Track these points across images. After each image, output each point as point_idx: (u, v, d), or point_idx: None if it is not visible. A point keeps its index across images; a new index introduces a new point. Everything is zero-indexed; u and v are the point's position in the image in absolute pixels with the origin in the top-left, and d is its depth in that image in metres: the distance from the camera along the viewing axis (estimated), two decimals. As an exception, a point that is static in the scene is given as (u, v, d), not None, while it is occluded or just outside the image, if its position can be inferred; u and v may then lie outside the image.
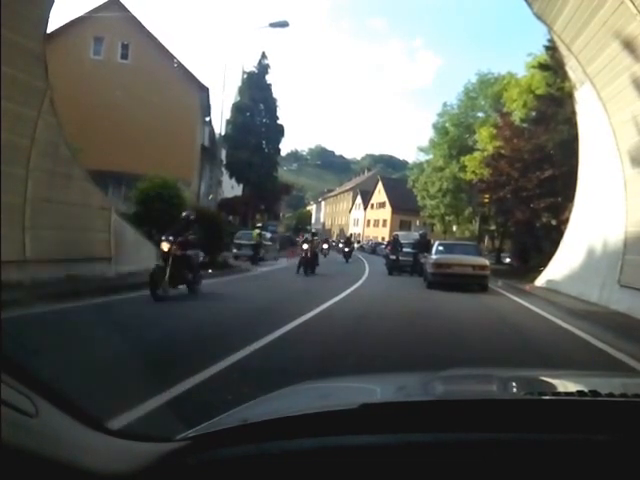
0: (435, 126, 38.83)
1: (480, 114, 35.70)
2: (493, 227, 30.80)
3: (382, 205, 68.11)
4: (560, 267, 15.13)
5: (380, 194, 69.43)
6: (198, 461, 0.90)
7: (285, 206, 70.03)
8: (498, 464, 0.88)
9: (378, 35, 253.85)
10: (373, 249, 46.22)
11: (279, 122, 39.46)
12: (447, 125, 37.22)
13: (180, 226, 10.23)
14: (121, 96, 21.27)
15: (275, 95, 39.24)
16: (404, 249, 20.94)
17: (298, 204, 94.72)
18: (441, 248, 16.05)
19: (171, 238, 9.69)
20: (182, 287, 10.02)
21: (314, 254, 18.18)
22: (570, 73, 14.63)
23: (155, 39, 26.16)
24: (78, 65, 22.80)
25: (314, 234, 23.89)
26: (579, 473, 0.87)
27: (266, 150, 38.79)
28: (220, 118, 25.88)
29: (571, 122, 16.89)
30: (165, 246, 9.67)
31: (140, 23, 25.96)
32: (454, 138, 36.55)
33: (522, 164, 21.91)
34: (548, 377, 1.67)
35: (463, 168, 31.91)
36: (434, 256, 15.28)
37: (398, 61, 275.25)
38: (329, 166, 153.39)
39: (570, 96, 16.04)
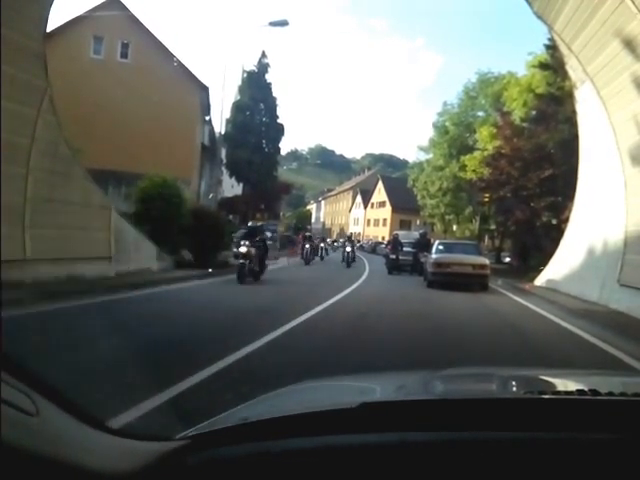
0: (435, 125, 38.81)
1: (480, 113, 35.68)
2: (493, 226, 30.79)
3: (382, 204, 68.10)
4: (560, 266, 15.13)
5: (380, 193, 69.43)
6: (198, 460, 0.90)
7: (285, 205, 69.90)
8: (498, 463, 0.88)
9: (379, 34, 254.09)
10: (373, 248, 46.24)
11: (279, 121, 39.40)
12: (447, 124, 37.18)
13: None
14: (121, 95, 21.25)
15: (275, 94, 39.24)
16: (404, 248, 20.94)
17: (298, 203, 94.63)
18: (441, 247, 16.05)
19: None
20: None
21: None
22: (570, 72, 14.63)
23: (155, 38, 26.11)
24: (78, 64, 22.76)
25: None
26: (579, 472, 0.87)
27: (266, 149, 38.74)
28: (220, 117, 25.85)
29: (571, 121, 16.90)
30: None
31: (140, 22, 25.90)
32: (454, 137, 36.53)
33: (522, 163, 21.91)
34: (548, 376, 1.68)
35: (463, 167, 31.89)
36: (434, 255, 15.28)
37: (399, 60, 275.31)
38: (329, 165, 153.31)
39: (570, 95, 16.04)
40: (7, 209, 8.02)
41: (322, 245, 29.43)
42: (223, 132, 28.64)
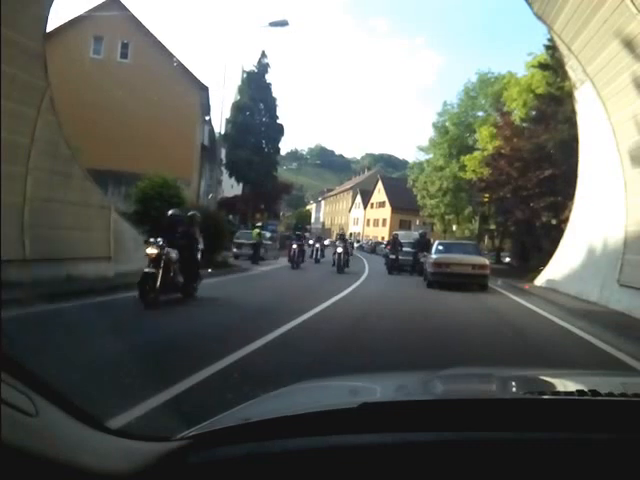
0: (435, 125, 38.85)
1: (480, 113, 35.71)
2: (493, 226, 30.79)
3: (382, 204, 68.10)
4: (560, 266, 15.13)
5: (380, 193, 69.43)
6: (198, 460, 0.90)
7: (285, 205, 70.00)
8: (499, 463, 0.88)
9: (379, 34, 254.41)
10: (373, 249, 46.26)
11: (279, 121, 39.44)
12: (447, 124, 37.22)
13: None
14: (121, 95, 21.25)
15: (275, 94, 39.27)
16: (404, 248, 20.95)
17: (298, 203, 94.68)
18: (441, 247, 16.05)
19: None
20: None
21: None
22: (570, 72, 14.62)
23: (155, 38, 26.13)
24: (78, 64, 22.76)
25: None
26: (579, 472, 0.87)
27: (266, 149, 38.76)
28: (220, 117, 25.95)
29: (571, 121, 16.89)
30: None
31: (140, 22, 25.92)
32: (454, 137, 36.55)
33: (522, 163, 21.91)
34: (548, 376, 1.67)
35: (463, 167, 31.91)
36: (434, 255, 15.28)
37: (399, 60, 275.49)
38: (329, 165, 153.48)
39: (570, 95, 16.03)
40: (7, 209, 8.02)
41: (317, 246, 26.18)
42: (223, 132, 28.64)
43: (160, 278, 8.14)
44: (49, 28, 11.07)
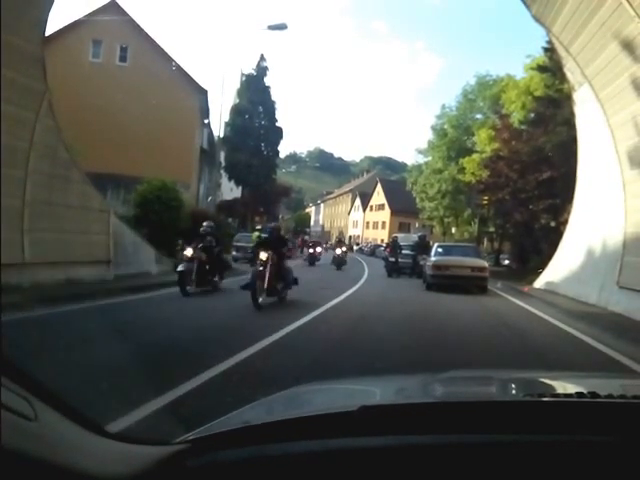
0: (434, 128, 38.89)
1: (479, 116, 35.75)
2: (492, 229, 30.81)
3: (381, 207, 68.16)
4: (559, 269, 15.13)
5: (379, 196, 69.50)
6: (197, 464, 0.90)
7: (284, 208, 70.02)
8: (498, 465, 0.88)
9: (379, 37, 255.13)
10: (372, 251, 46.31)
11: (278, 124, 39.55)
12: (446, 127, 37.26)
13: None
14: (120, 99, 21.27)
15: (274, 97, 39.36)
16: (403, 251, 20.98)
17: (297, 206, 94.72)
18: (440, 250, 16.05)
19: None
20: None
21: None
22: (568, 75, 14.66)
23: (153, 42, 26.17)
24: (77, 68, 22.80)
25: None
26: (578, 474, 0.87)
27: (265, 152, 38.84)
28: (219, 120, 25.96)
29: (570, 123, 16.91)
30: None
31: (139, 26, 25.97)
32: (453, 140, 36.58)
33: (521, 166, 21.95)
34: (547, 379, 1.68)
35: (462, 170, 31.93)
36: (433, 258, 15.29)
37: (398, 63, 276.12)
38: (328, 168, 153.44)
39: (569, 97, 16.07)
40: (6, 212, 8.01)
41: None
42: (222, 135, 28.68)
43: None
44: (48, 32, 11.10)
